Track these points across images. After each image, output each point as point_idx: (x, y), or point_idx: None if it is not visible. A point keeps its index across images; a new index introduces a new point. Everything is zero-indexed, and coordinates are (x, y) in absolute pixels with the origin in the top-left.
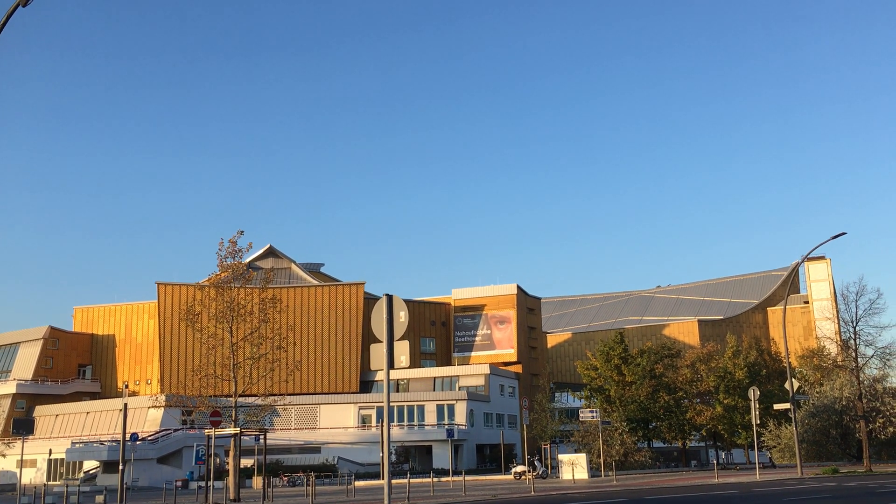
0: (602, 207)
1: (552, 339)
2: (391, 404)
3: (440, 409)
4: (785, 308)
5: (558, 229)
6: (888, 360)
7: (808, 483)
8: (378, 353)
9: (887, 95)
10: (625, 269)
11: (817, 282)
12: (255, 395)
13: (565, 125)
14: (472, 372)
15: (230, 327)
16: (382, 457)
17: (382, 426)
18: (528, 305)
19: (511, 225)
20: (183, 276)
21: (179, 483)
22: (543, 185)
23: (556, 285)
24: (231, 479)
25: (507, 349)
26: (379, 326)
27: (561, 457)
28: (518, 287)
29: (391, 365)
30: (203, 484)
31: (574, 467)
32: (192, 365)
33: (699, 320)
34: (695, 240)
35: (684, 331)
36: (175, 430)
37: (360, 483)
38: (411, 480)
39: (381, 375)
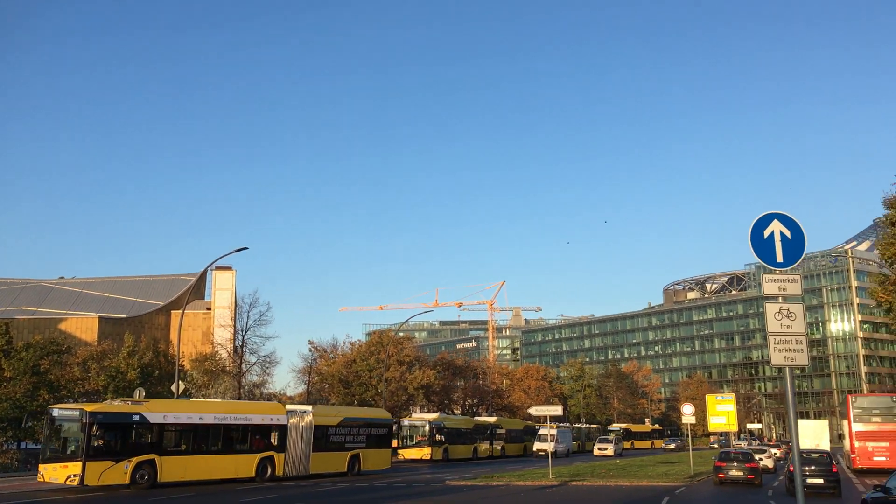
0: None
1: None
2: None
3: None
4: (183, 312)
5: None
6: (268, 367)
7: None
8: None
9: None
10: (24, 255)
11: (222, 290)
12: None
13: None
14: None
15: None
16: None
17: None
18: None
19: None
20: None
21: None
22: None
23: None
24: None
25: None
26: None
27: None
28: None
29: None
30: None
31: None
32: None
33: (100, 317)
34: (101, 234)
35: (83, 326)
36: None
37: None
38: None
39: None
